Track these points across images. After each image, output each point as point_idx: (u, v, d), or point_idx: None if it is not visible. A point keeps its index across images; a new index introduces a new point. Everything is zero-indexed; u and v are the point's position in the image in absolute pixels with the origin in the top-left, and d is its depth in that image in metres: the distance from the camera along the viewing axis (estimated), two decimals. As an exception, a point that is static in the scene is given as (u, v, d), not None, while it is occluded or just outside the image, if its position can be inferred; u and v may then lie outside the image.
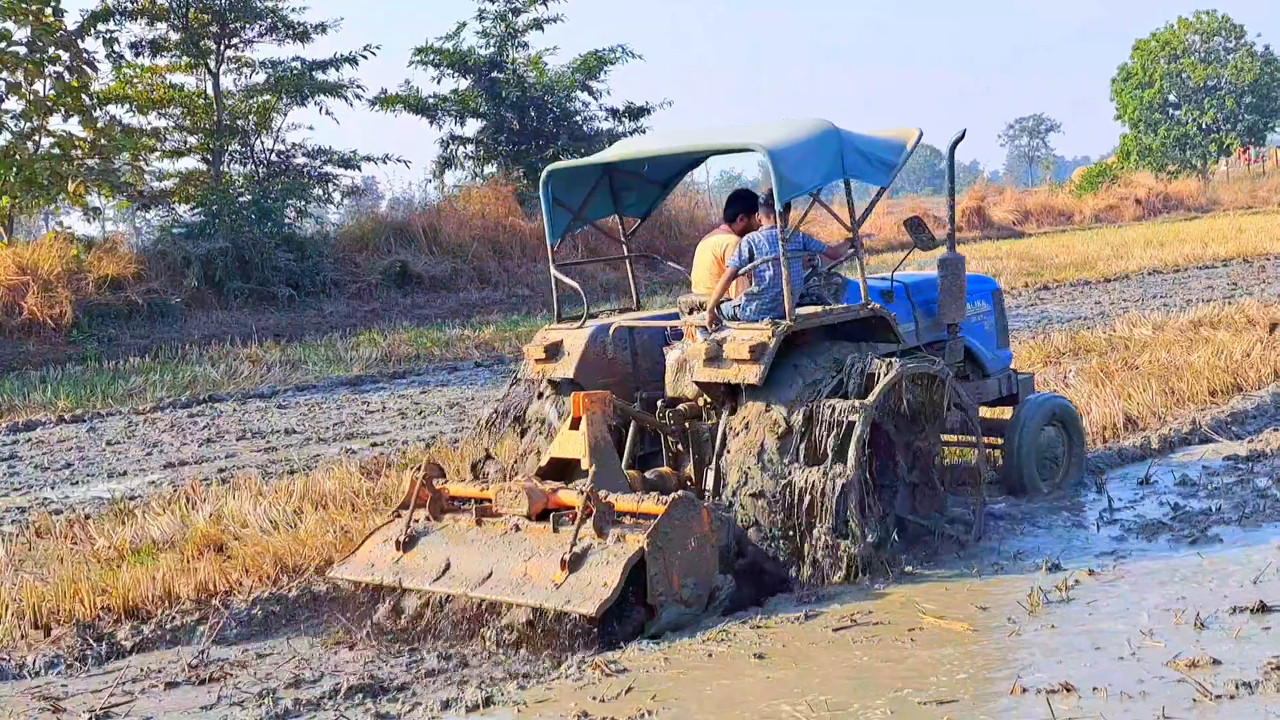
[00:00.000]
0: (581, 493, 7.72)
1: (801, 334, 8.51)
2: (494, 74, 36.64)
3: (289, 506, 10.61)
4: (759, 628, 7.42)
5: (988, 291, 10.98)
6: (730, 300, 8.95)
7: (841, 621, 7.40)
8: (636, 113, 38.24)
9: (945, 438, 9.28)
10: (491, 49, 37.00)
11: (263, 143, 32.80)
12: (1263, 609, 7.08)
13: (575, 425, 8.44)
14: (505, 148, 37.00)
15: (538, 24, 37.11)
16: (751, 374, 8.22)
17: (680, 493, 7.80)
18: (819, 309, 8.87)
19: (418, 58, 36.31)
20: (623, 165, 9.83)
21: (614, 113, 38.17)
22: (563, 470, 8.57)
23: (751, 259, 8.83)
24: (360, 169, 34.11)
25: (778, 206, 8.36)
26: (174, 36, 31.09)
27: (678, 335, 9.34)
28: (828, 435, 8.12)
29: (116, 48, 30.02)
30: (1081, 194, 57.85)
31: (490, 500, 8.19)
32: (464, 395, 17.28)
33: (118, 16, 30.01)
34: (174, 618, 8.36)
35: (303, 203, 32.55)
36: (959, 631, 7.17)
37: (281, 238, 29.12)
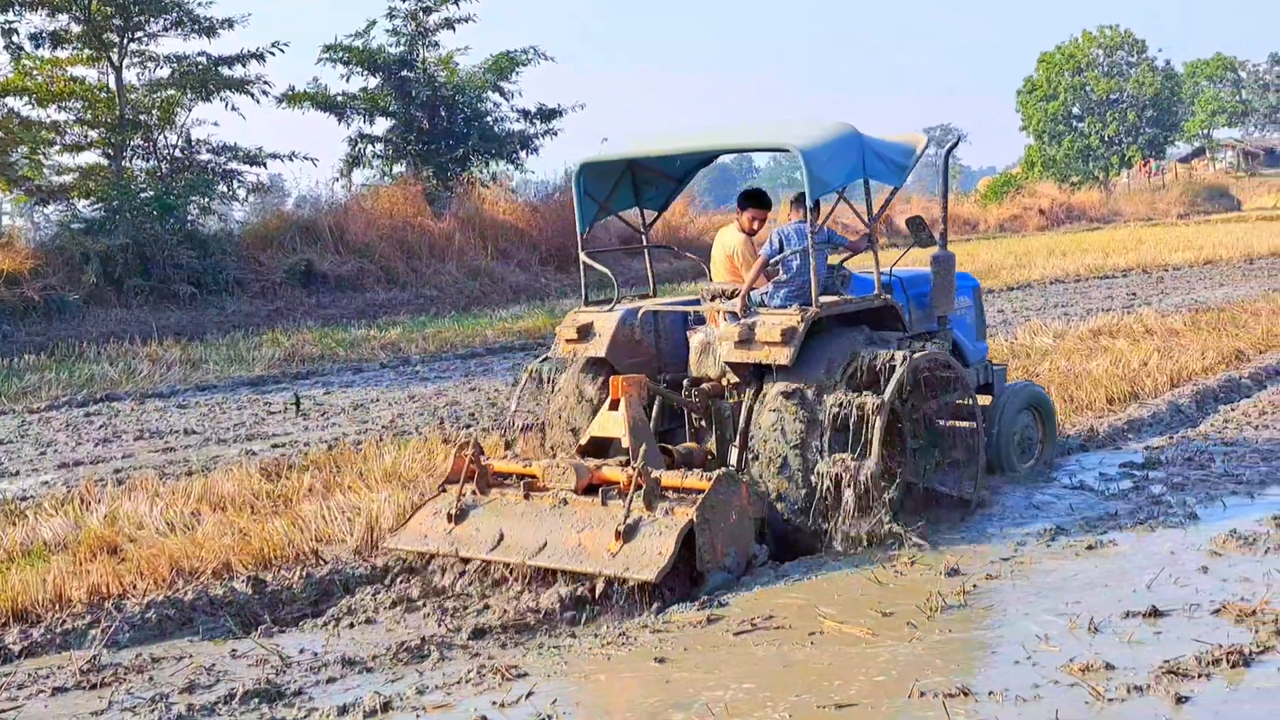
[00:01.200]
0: (634, 469, 8.22)
1: (818, 321, 9.07)
2: (404, 73, 36.39)
3: (186, 508, 10.48)
4: (659, 631, 7.42)
5: (969, 288, 11.62)
6: (755, 289, 9.42)
7: (742, 625, 7.43)
8: (548, 114, 38.16)
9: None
10: (402, 48, 36.76)
11: (166, 138, 32.20)
12: (1155, 613, 7.20)
13: (614, 406, 8.89)
14: (414, 147, 36.76)
15: (449, 23, 36.94)
16: (782, 355, 8.83)
17: (722, 470, 8.42)
18: (838, 298, 9.48)
19: (326, 55, 35.98)
20: (646, 160, 10.31)
21: (525, 114, 38.08)
22: (601, 448, 8.99)
23: (781, 250, 9.38)
24: (266, 166, 33.70)
25: (808, 202, 9.04)
26: (75, 28, 30.45)
27: (700, 320, 9.91)
28: (871, 376, 8.82)
29: (15, 39, 29.45)
30: (987, 203, 58.79)
31: (536, 476, 8.66)
32: (369, 397, 17.11)
33: (17, 7, 29.36)
34: (65, 621, 8.17)
35: (206, 199, 31.93)
36: (858, 636, 7.22)
37: (184, 235, 28.62)
